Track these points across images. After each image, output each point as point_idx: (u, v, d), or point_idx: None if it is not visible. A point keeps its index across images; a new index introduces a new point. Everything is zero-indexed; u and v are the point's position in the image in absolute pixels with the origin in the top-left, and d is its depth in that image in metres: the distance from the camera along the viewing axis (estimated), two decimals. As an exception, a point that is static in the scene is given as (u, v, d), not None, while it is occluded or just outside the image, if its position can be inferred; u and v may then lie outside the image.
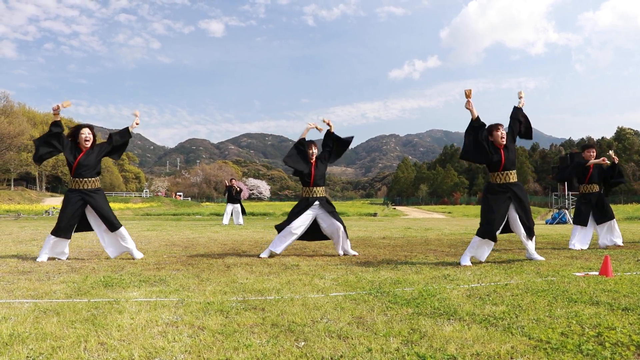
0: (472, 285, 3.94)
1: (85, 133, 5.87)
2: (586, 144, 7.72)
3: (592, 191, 7.52)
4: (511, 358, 2.13)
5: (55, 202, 49.40)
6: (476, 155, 5.67)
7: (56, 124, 5.80)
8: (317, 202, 6.33)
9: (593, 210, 7.48)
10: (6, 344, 2.33)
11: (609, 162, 7.03)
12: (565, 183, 20.77)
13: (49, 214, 29.93)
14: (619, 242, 7.39)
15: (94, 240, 8.73)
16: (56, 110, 5.78)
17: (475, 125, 5.63)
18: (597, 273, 4.53)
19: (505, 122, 5.91)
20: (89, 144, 5.89)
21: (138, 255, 6.00)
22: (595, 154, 7.55)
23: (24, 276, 4.46)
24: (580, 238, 7.39)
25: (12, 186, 62.03)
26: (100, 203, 5.82)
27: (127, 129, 6.21)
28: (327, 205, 6.37)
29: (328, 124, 6.49)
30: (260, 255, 6.12)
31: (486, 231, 5.44)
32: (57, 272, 4.76)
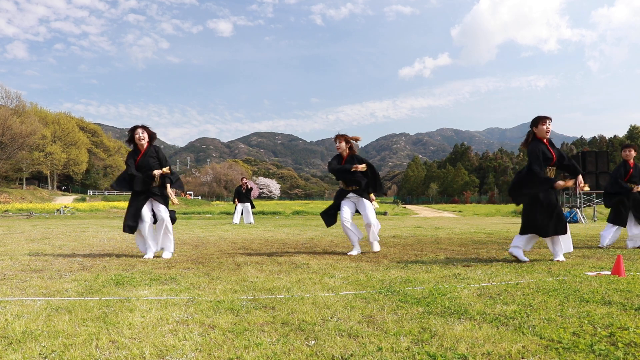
0: (483, 285, 3.92)
1: (139, 133, 6.02)
2: (626, 144, 7.42)
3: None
4: (522, 358, 2.12)
5: (66, 200, 49.79)
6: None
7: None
8: (351, 193, 6.52)
9: (633, 210, 7.23)
10: (19, 341, 2.36)
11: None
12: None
13: (60, 213, 30.18)
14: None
15: (105, 239, 8.79)
16: None
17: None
18: (609, 272, 4.49)
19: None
20: (143, 143, 6.03)
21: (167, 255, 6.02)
22: (634, 152, 7.30)
23: (36, 274, 4.50)
24: (613, 238, 7.28)
25: (24, 185, 62.64)
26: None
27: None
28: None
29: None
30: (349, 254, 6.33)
31: None
32: (68, 270, 4.80)
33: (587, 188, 5.70)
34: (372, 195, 6.73)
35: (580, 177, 5.58)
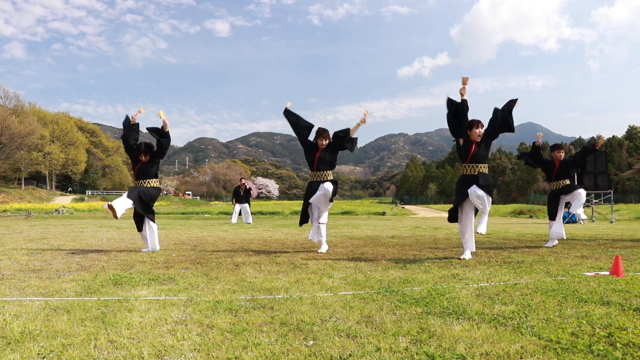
0: (481, 285, 3.92)
1: (142, 149, 6.58)
2: (555, 145, 7.97)
3: (558, 187, 7.71)
4: (521, 358, 2.12)
5: (65, 200, 49.73)
6: (456, 128, 6.04)
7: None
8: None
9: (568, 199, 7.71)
10: (17, 341, 2.35)
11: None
12: (575, 182, 20.60)
13: (59, 213, 30.15)
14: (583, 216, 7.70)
15: (103, 239, 8.79)
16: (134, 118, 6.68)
17: (457, 102, 6.03)
18: (607, 273, 4.50)
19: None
20: (143, 158, 6.60)
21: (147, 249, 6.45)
22: (563, 154, 7.81)
23: (34, 274, 4.50)
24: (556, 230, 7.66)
25: (23, 185, 62.54)
26: (145, 198, 6.48)
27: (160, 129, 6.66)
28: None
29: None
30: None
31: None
32: (67, 270, 4.79)
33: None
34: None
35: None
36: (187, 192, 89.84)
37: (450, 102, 6.01)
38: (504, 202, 74.40)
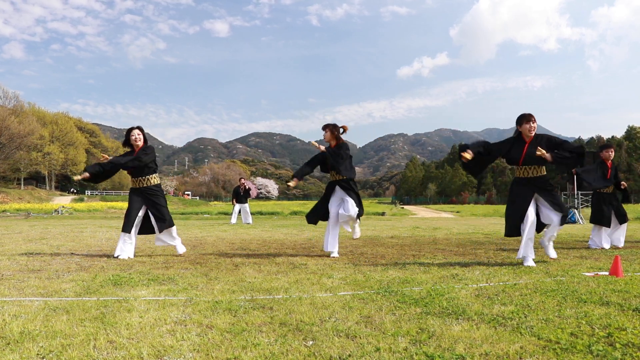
0: (481, 285, 3.92)
1: (135, 134, 6.21)
2: (605, 144, 7.65)
3: (610, 191, 7.54)
4: (520, 358, 2.12)
5: (64, 201, 49.71)
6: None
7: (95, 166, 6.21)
8: (337, 186, 6.28)
9: (614, 211, 7.54)
10: (17, 342, 2.35)
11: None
12: (575, 182, 20.62)
13: (58, 213, 30.14)
14: (620, 244, 7.38)
15: (103, 239, 8.78)
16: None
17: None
18: (607, 273, 4.50)
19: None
20: (139, 144, 6.19)
21: (182, 249, 6.34)
22: (613, 153, 7.51)
23: (34, 274, 4.49)
24: (604, 237, 7.48)
25: (22, 185, 62.52)
26: (155, 200, 6.17)
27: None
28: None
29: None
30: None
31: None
32: (66, 270, 4.79)
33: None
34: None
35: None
36: (186, 193, 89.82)
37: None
38: (503, 202, 74.34)
